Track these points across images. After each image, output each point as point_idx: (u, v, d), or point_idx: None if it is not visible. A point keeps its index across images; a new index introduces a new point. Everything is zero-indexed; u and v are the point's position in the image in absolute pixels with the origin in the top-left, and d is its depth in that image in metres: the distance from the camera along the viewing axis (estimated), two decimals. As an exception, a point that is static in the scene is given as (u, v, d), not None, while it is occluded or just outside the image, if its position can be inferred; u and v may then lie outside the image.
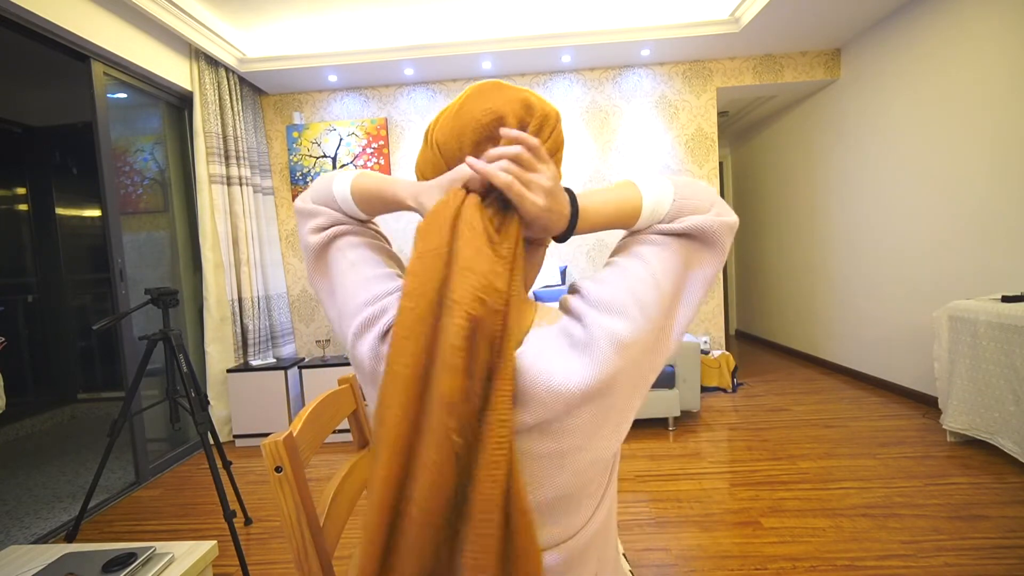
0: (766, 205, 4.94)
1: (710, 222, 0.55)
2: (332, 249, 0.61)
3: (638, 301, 0.50)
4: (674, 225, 0.55)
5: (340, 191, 0.60)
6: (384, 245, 0.64)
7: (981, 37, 2.54)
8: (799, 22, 3.12)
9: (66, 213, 3.91)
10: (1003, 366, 2.08)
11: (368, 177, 0.60)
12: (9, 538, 2.05)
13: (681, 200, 0.55)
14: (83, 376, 3.99)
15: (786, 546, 1.68)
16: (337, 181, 0.61)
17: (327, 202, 0.62)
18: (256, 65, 3.28)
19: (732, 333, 5.91)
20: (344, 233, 0.61)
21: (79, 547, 1.00)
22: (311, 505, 0.61)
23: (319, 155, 3.71)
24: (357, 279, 0.58)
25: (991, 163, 2.52)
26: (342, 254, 0.60)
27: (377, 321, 0.54)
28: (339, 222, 0.61)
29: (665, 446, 2.60)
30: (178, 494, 2.42)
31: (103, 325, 1.74)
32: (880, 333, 3.38)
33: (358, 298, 0.56)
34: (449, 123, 0.56)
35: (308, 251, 0.62)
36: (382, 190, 0.59)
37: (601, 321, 0.49)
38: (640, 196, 0.55)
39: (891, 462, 2.25)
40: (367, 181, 0.60)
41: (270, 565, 1.77)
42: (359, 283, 0.57)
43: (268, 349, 3.44)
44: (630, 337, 0.49)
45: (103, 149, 2.47)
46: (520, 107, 0.54)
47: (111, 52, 2.46)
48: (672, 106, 3.67)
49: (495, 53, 3.27)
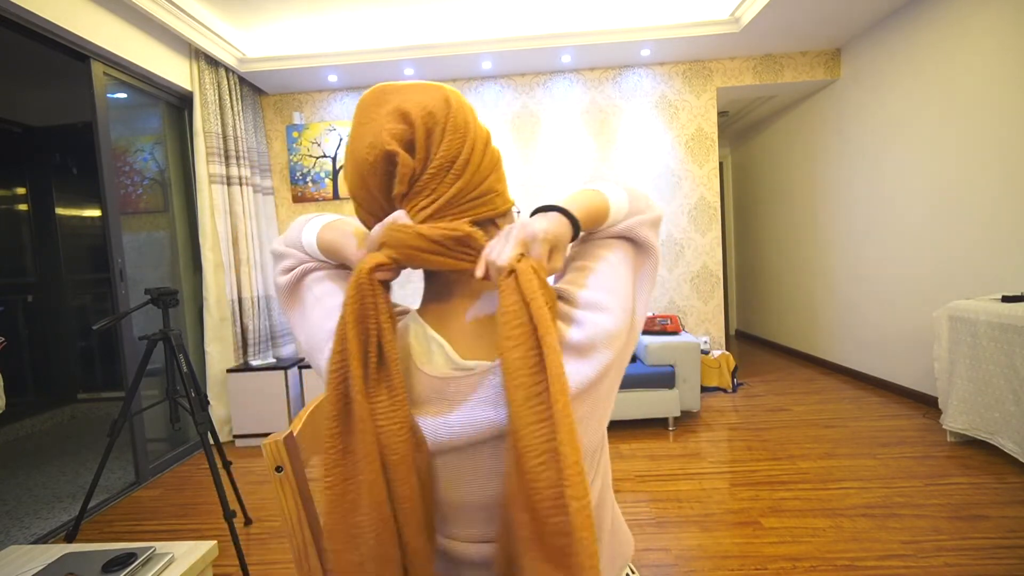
0: (766, 205, 4.94)
1: (639, 221, 0.60)
2: (300, 288, 0.63)
3: (616, 296, 0.55)
4: (619, 227, 0.60)
5: (307, 240, 0.62)
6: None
7: (981, 37, 2.54)
8: (799, 22, 3.12)
9: (66, 213, 3.91)
10: (1003, 366, 2.07)
11: (331, 230, 0.61)
12: (9, 538, 2.05)
13: (632, 203, 0.61)
14: (83, 376, 3.99)
15: (786, 546, 1.68)
16: (307, 229, 0.63)
17: (295, 246, 0.64)
18: (256, 65, 3.28)
19: (732, 333, 5.91)
20: (310, 271, 0.63)
21: (79, 547, 1.00)
22: (311, 505, 0.61)
23: (319, 155, 3.71)
24: (323, 311, 0.59)
25: (991, 163, 2.52)
26: (310, 291, 0.62)
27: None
28: (304, 262, 0.63)
29: (665, 446, 2.60)
30: (178, 494, 2.42)
31: (103, 325, 1.74)
32: (880, 333, 3.38)
33: (324, 329, 0.58)
34: (349, 166, 0.55)
35: (279, 290, 0.65)
36: (336, 248, 0.60)
37: (596, 320, 0.53)
38: (607, 201, 0.58)
39: (891, 462, 2.25)
40: (328, 235, 0.61)
41: (270, 565, 1.77)
42: (325, 314, 0.59)
43: (268, 349, 3.44)
44: (615, 329, 0.53)
45: (103, 149, 2.47)
46: (398, 126, 0.51)
47: (111, 52, 2.46)
48: (672, 106, 3.67)
49: (495, 53, 3.27)
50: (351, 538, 0.47)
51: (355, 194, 0.56)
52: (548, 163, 3.72)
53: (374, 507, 0.47)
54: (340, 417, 0.49)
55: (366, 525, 0.47)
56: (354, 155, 0.54)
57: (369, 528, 0.47)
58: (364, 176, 0.53)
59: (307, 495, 0.61)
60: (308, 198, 3.74)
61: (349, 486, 0.48)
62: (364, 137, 0.53)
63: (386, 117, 0.52)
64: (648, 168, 3.70)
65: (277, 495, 0.59)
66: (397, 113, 0.52)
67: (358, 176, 0.54)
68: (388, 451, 0.48)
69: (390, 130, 0.51)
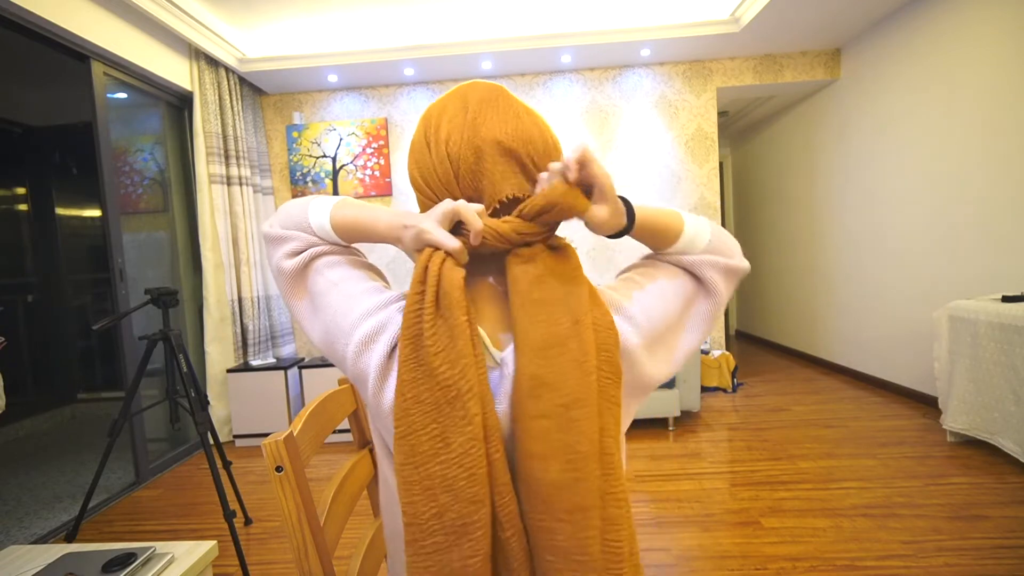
0: (766, 205, 4.94)
1: (711, 261, 0.61)
2: (310, 271, 0.59)
3: (648, 317, 0.57)
4: (688, 259, 0.61)
5: (318, 221, 0.58)
6: (364, 260, 0.63)
7: (981, 37, 2.54)
8: (799, 22, 3.12)
9: (66, 213, 3.91)
10: (1003, 366, 2.07)
11: (348, 206, 0.58)
12: (9, 538, 2.05)
13: (716, 240, 0.61)
14: (83, 376, 3.99)
15: (786, 546, 1.68)
16: (314, 210, 0.59)
17: (300, 228, 0.59)
18: (256, 65, 3.28)
19: (732, 333, 5.91)
20: (321, 254, 0.59)
21: (79, 547, 1.00)
22: (311, 505, 0.61)
23: (319, 155, 3.71)
24: (344, 295, 0.56)
25: (991, 163, 2.52)
26: (322, 275, 0.58)
27: (379, 336, 0.53)
28: (314, 244, 0.59)
29: (665, 446, 2.60)
30: (178, 494, 2.42)
31: (103, 325, 1.74)
32: (880, 333, 3.38)
33: (352, 314, 0.55)
34: (465, 134, 0.54)
35: (283, 275, 0.59)
36: (362, 224, 0.57)
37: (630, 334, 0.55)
38: (683, 224, 0.60)
39: (891, 462, 2.25)
40: (348, 211, 0.58)
41: (270, 565, 1.77)
42: (348, 299, 0.56)
43: (268, 349, 3.44)
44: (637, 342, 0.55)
45: (103, 149, 2.47)
46: (539, 140, 0.56)
47: (111, 52, 2.46)
48: (672, 106, 3.67)
49: (495, 53, 3.27)
50: (426, 489, 0.46)
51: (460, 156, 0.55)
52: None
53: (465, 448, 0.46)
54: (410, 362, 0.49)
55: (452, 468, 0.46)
56: (478, 130, 0.54)
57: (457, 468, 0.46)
58: (484, 148, 0.53)
59: (307, 495, 0.61)
60: (308, 198, 3.73)
61: (422, 436, 0.47)
62: (503, 124, 0.54)
63: (527, 127, 0.55)
64: (648, 168, 3.70)
65: (277, 495, 0.59)
66: (533, 126, 0.56)
67: (475, 146, 0.54)
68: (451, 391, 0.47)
69: (531, 140, 0.55)
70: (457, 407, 0.46)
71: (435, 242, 0.51)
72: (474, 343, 0.48)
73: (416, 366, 0.48)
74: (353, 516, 1.77)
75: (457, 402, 0.46)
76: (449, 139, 0.55)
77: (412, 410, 0.47)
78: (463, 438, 0.46)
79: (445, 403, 0.46)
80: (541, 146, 0.55)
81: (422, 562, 0.46)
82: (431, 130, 0.57)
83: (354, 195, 3.69)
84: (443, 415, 0.46)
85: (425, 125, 0.58)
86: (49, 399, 3.78)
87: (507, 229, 0.52)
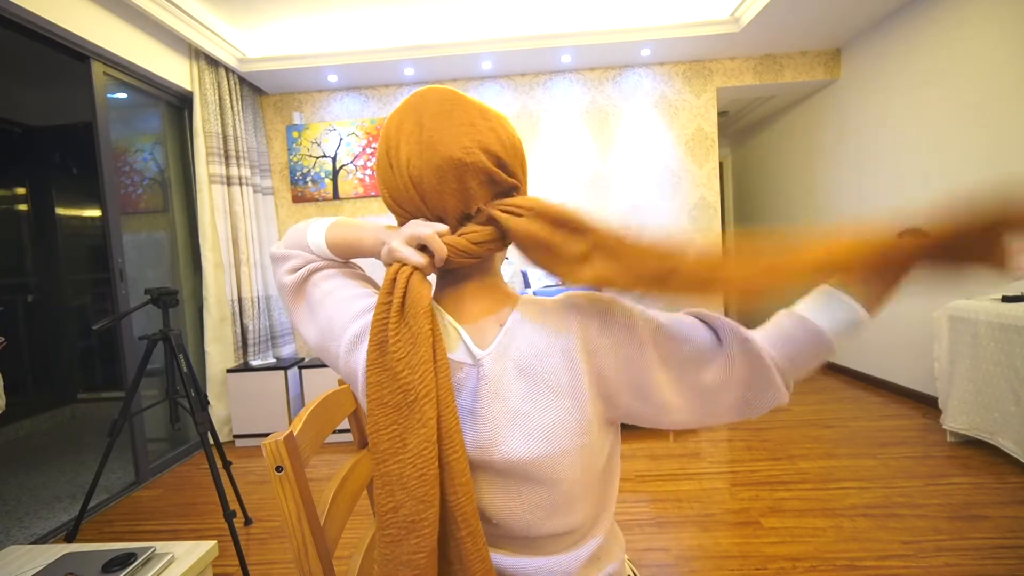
0: (766, 205, 4.94)
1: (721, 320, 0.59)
2: (308, 284, 0.65)
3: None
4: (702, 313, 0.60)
5: (315, 241, 0.64)
6: (358, 272, 0.68)
7: (981, 37, 2.54)
8: (799, 22, 3.12)
9: (66, 213, 3.91)
10: (1003, 366, 2.07)
11: (340, 226, 0.63)
12: (9, 538, 2.05)
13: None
14: (83, 376, 3.99)
15: (786, 546, 1.68)
16: (312, 231, 0.65)
17: (300, 247, 0.66)
18: (256, 65, 3.28)
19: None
20: (318, 268, 0.65)
21: (79, 547, 1.00)
22: (312, 505, 0.61)
23: (319, 155, 3.71)
24: (336, 302, 0.62)
25: (991, 163, 2.52)
26: (317, 287, 0.64)
27: (365, 336, 0.58)
28: (311, 261, 0.65)
29: (665, 446, 2.60)
30: (178, 494, 2.42)
31: (103, 325, 1.74)
32: (880, 333, 3.38)
33: (342, 317, 0.60)
34: (424, 155, 0.54)
35: (285, 290, 0.66)
36: (351, 242, 0.62)
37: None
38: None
39: (891, 462, 2.25)
40: (339, 231, 0.63)
41: (270, 565, 1.77)
42: (339, 304, 0.61)
43: (268, 349, 3.44)
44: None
45: (103, 149, 2.47)
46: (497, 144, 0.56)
47: (111, 52, 2.46)
48: (672, 106, 3.67)
49: (495, 53, 3.27)
50: (385, 485, 0.50)
51: (421, 179, 0.55)
52: (548, 163, 3.72)
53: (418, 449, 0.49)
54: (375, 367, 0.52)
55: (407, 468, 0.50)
56: (435, 149, 0.54)
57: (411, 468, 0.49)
58: (444, 169, 0.54)
59: (307, 495, 0.61)
60: (308, 198, 3.74)
61: (383, 435, 0.50)
62: (457, 138, 0.54)
63: (481, 129, 0.55)
64: (648, 168, 3.70)
65: (277, 495, 0.59)
66: (490, 131, 0.56)
67: (434, 166, 0.54)
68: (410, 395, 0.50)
69: (486, 146, 0.55)
70: (415, 410, 0.50)
71: (403, 259, 0.56)
72: (435, 350, 0.52)
73: (381, 370, 0.52)
74: (353, 516, 1.77)
75: (415, 405, 0.50)
76: (409, 162, 0.55)
77: (376, 411, 0.51)
78: (418, 440, 0.49)
79: (405, 406, 0.50)
80: (499, 148, 0.56)
81: (382, 550, 0.51)
82: (392, 151, 0.57)
83: (354, 195, 3.70)
84: (403, 416, 0.50)
85: (386, 145, 0.58)
86: (49, 399, 3.78)
87: (464, 243, 0.55)
